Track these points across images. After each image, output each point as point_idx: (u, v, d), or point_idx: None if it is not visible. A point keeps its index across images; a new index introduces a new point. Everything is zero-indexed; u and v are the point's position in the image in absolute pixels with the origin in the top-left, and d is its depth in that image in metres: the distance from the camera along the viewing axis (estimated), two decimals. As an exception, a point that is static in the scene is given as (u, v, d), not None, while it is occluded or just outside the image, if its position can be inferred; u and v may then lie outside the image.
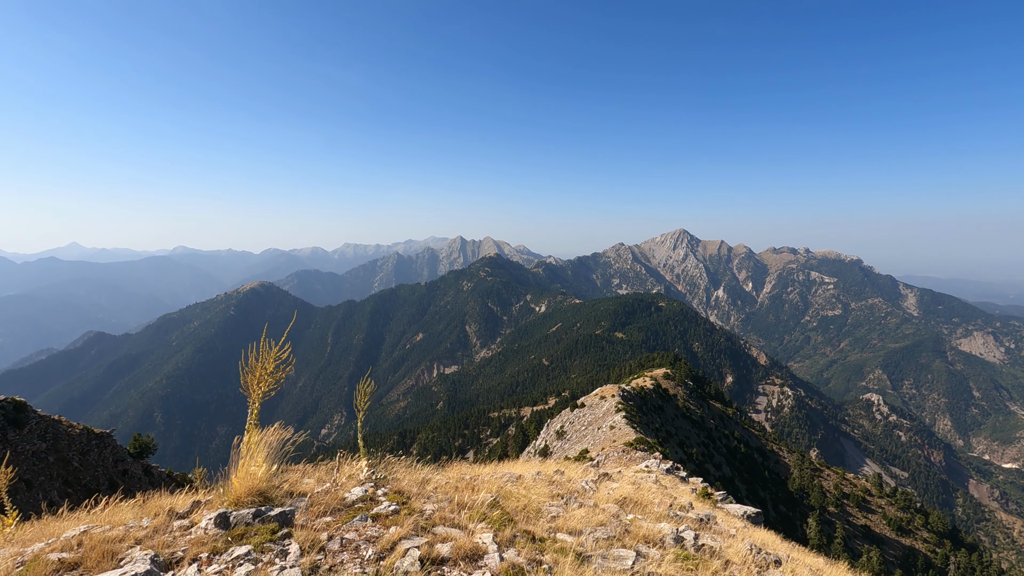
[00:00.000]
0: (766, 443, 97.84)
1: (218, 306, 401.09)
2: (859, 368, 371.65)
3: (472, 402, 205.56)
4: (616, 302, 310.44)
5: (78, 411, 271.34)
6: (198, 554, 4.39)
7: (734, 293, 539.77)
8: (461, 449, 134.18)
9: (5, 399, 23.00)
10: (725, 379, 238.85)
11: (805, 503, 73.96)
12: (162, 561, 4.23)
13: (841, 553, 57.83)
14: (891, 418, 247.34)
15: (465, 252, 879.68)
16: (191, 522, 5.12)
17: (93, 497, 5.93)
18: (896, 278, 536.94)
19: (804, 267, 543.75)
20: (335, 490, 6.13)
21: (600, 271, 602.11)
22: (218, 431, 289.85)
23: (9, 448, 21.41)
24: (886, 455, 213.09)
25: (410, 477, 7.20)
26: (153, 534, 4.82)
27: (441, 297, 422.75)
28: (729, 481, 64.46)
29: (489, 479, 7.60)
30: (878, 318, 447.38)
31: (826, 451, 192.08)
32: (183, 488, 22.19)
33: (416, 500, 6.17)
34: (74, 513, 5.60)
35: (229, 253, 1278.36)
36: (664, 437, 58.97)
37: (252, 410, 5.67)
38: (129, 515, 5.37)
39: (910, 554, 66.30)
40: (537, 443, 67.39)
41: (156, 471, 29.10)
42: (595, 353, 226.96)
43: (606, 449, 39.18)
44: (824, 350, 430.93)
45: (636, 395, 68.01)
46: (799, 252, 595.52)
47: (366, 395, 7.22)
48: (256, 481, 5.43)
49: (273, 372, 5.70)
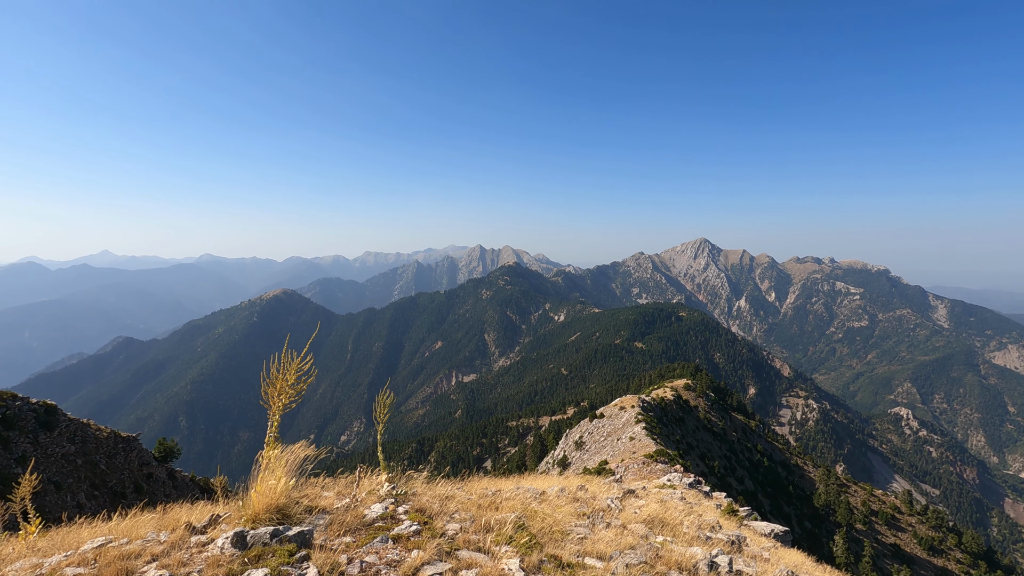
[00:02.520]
0: (790, 457, 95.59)
1: (242, 313, 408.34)
2: (887, 381, 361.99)
3: (490, 411, 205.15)
4: (636, 311, 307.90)
5: (106, 415, 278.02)
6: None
7: (756, 303, 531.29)
8: (479, 458, 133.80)
9: (37, 402, 23.64)
10: (747, 391, 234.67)
11: (831, 520, 71.90)
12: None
13: (870, 573, 56.08)
14: (921, 433, 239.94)
15: (484, 261, 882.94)
16: (209, 538, 4.94)
17: (119, 508, 5.96)
18: (925, 289, 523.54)
19: (829, 277, 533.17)
20: (355, 507, 5.91)
21: (620, 280, 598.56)
22: (240, 437, 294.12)
23: (40, 450, 21.97)
24: (916, 471, 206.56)
25: (431, 493, 6.96)
26: (170, 550, 4.69)
27: (460, 305, 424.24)
28: (752, 495, 63.04)
29: (511, 495, 7.31)
30: (907, 330, 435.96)
31: (853, 466, 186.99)
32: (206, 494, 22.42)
33: (439, 519, 5.91)
34: (96, 521, 5.62)
35: (253, 261, 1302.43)
36: (685, 449, 58.02)
37: (272, 423, 5.51)
38: (149, 527, 5.29)
39: (943, 575, 63.91)
40: (555, 453, 66.85)
41: (180, 475, 29.56)
42: (614, 363, 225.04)
43: (626, 461, 38.62)
44: (850, 362, 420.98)
45: (656, 406, 67.10)
46: (824, 262, 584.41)
47: (385, 407, 6.94)
48: (275, 497, 5.25)
49: (294, 384, 5.55)
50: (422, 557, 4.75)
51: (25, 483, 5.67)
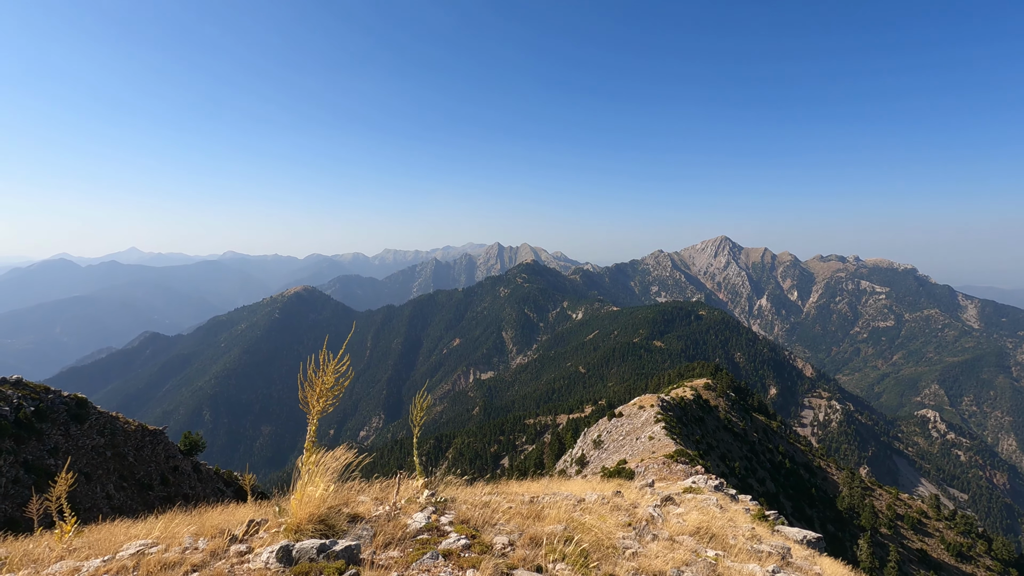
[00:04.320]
0: (812, 459, 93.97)
1: (264, 309, 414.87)
2: (914, 383, 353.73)
3: (508, 408, 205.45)
4: (655, 310, 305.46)
5: (134, 408, 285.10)
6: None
7: (778, 302, 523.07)
8: (496, 455, 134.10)
9: (69, 395, 24.30)
10: (768, 391, 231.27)
11: (855, 523, 70.51)
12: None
13: None
14: (949, 436, 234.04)
15: (502, 258, 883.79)
16: (248, 547, 4.74)
17: (155, 509, 5.99)
18: (954, 288, 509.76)
19: (854, 276, 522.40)
20: (396, 515, 5.68)
21: (638, 278, 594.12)
22: (262, 431, 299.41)
23: (71, 442, 22.58)
24: (943, 475, 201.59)
25: (470, 500, 6.76)
26: (210, 560, 4.54)
27: (478, 303, 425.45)
28: (773, 497, 62.13)
29: (551, 502, 7.10)
30: (934, 330, 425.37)
31: (877, 469, 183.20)
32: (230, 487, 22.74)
33: (485, 532, 5.63)
34: (129, 521, 5.65)
35: (275, 258, 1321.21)
36: (705, 450, 57.37)
37: (311, 427, 5.25)
38: (184, 530, 5.25)
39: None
40: (574, 452, 66.66)
41: (204, 468, 30.14)
42: (633, 361, 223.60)
43: (645, 461, 38.33)
44: (875, 363, 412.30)
45: (676, 405, 66.48)
46: (848, 260, 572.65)
47: (422, 409, 6.60)
48: (317, 507, 5.03)
49: (332, 387, 5.33)
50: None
51: (61, 482, 5.75)
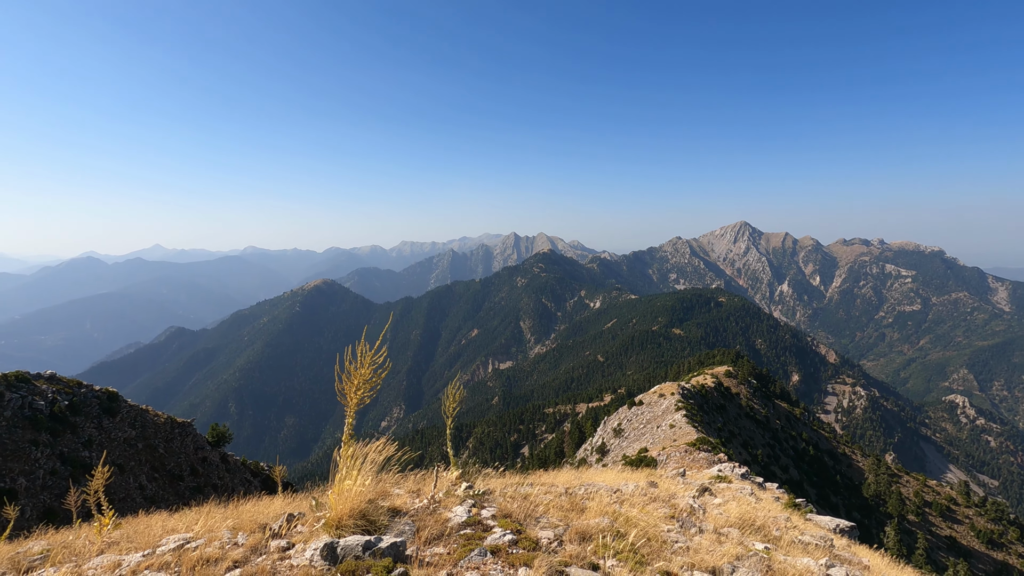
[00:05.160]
0: (837, 446, 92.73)
1: (285, 303, 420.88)
2: (941, 368, 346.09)
3: (527, 398, 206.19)
4: (673, 297, 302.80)
5: (162, 401, 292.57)
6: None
7: (800, 288, 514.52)
8: (516, 444, 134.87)
9: (100, 389, 24.95)
10: (791, 378, 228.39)
11: (881, 511, 69.53)
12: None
13: (924, 565, 54.06)
14: (979, 422, 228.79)
15: (519, 248, 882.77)
16: (288, 542, 4.66)
17: (191, 503, 6.06)
18: (984, 270, 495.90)
19: (878, 259, 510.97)
20: (435, 508, 5.55)
21: (656, 266, 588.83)
22: (286, 422, 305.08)
23: (104, 434, 23.23)
24: (972, 461, 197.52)
25: (508, 491, 6.64)
26: (250, 556, 4.49)
27: (495, 293, 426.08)
28: (797, 485, 61.53)
29: (587, 493, 6.98)
30: (963, 313, 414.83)
31: (904, 455, 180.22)
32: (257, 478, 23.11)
33: (529, 526, 5.47)
34: (165, 514, 5.70)
35: (294, 252, 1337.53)
36: (727, 437, 56.94)
37: (348, 419, 5.20)
38: (220, 521, 5.29)
39: (1003, 570, 61.06)
40: (594, 440, 66.70)
41: (232, 459, 30.79)
42: (652, 350, 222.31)
43: (667, 449, 38.16)
44: (901, 348, 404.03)
45: (697, 393, 66.01)
46: (872, 244, 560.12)
47: (455, 400, 6.45)
48: (357, 501, 4.94)
49: (369, 379, 5.24)
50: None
51: (98, 475, 5.85)
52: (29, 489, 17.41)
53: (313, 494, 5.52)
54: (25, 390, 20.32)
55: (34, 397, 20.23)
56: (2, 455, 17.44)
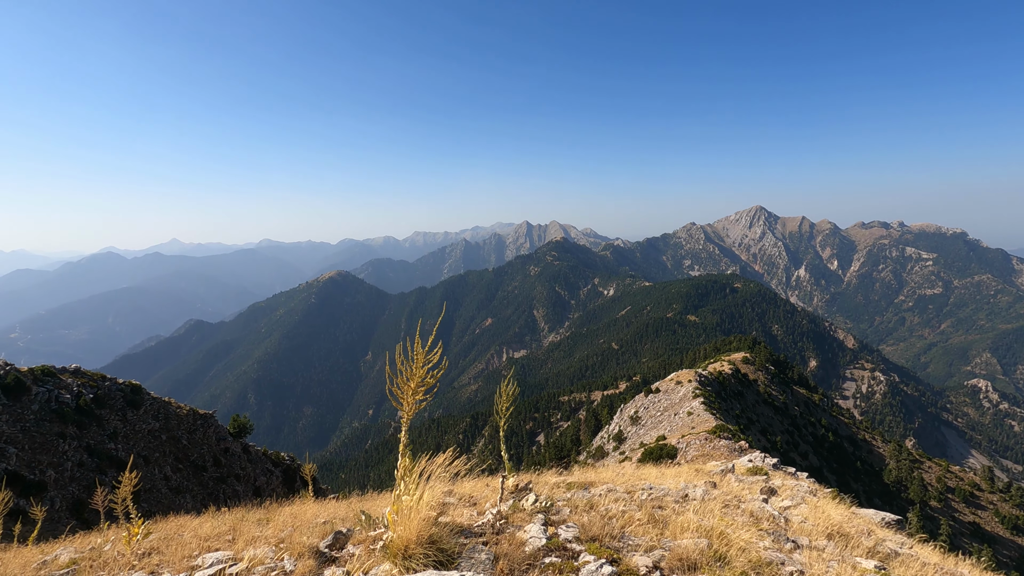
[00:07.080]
0: (856, 432, 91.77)
1: (300, 295, 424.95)
2: (963, 352, 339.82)
3: (541, 386, 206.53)
4: (688, 284, 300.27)
5: (182, 392, 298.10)
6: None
7: (817, 272, 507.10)
8: (532, 432, 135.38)
9: (124, 382, 25.31)
10: (808, 363, 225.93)
11: (903, 497, 68.79)
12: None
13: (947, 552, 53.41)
14: (1002, 406, 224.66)
15: (531, 237, 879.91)
16: (345, 571, 4.10)
17: (212, 493, 5.98)
18: (1008, 252, 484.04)
19: (898, 242, 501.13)
20: (504, 527, 4.86)
21: (670, 252, 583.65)
22: (304, 412, 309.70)
23: (128, 427, 23.61)
24: (996, 447, 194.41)
25: (574, 499, 6.03)
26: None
27: (509, 282, 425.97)
28: (817, 471, 60.99)
29: (652, 500, 6.35)
30: (986, 296, 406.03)
31: (924, 441, 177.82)
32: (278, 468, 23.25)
33: (622, 550, 4.66)
34: (197, 519, 5.45)
35: (309, 244, 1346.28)
36: (745, 424, 56.52)
37: (404, 427, 4.53)
38: (257, 531, 4.86)
39: (1029, 556, 60.18)
40: (611, 428, 66.65)
41: (253, 450, 31.17)
42: (667, 337, 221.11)
43: (687, 437, 37.92)
44: (921, 332, 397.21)
45: (714, 380, 65.54)
46: (892, 226, 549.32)
47: (508, 399, 5.52)
48: (425, 526, 4.26)
49: (424, 380, 4.55)
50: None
51: (126, 482, 5.60)
52: (58, 481, 17.74)
53: (359, 503, 5.05)
54: (51, 384, 20.65)
55: (60, 391, 20.56)
56: (31, 448, 17.78)
